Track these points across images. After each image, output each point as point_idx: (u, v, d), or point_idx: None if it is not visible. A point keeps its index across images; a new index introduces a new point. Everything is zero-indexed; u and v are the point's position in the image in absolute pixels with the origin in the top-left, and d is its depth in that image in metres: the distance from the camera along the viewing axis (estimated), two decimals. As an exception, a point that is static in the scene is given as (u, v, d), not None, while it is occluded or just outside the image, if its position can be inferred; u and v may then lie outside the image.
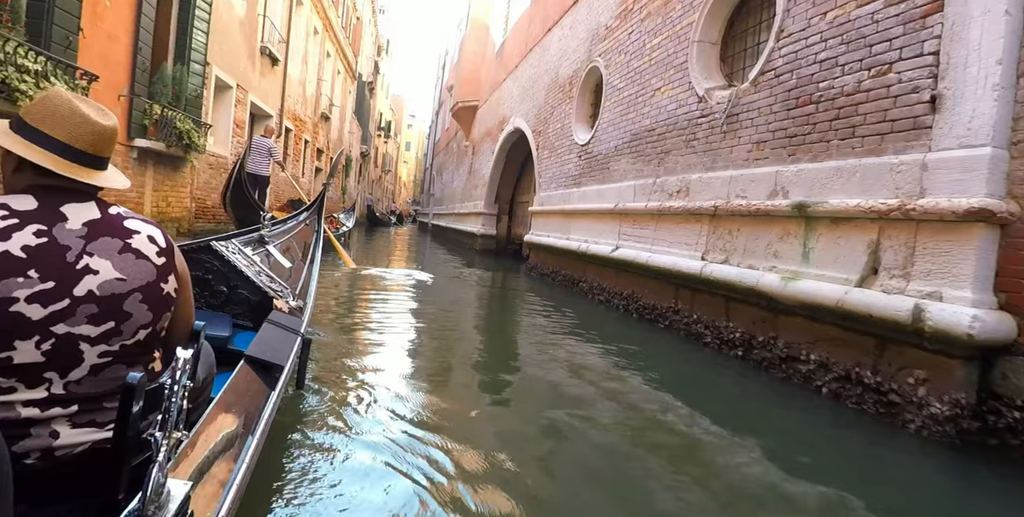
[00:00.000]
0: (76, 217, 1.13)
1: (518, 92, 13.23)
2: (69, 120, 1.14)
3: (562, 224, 8.86)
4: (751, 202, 4.45)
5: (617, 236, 6.80)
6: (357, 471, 2.13)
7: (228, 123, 10.26)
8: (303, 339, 2.42)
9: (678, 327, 5.24)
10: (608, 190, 7.21)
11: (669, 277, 5.44)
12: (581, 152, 8.44)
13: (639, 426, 3.06)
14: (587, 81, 8.75)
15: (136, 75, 6.90)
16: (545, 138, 10.51)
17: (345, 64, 22.81)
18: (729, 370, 4.26)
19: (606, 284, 6.91)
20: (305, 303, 2.98)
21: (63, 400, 1.08)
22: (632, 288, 6.22)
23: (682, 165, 5.62)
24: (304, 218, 4.68)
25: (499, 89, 15.55)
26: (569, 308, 6.78)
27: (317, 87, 18.03)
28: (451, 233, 21.09)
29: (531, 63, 12.16)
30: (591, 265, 7.42)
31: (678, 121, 5.77)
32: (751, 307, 4.31)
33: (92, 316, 1.08)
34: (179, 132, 7.37)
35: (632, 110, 6.84)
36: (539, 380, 3.86)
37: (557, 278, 8.72)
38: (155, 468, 0.86)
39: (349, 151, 26.38)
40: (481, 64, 18.91)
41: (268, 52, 12.08)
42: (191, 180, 8.69)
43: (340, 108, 22.75)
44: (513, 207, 15.68)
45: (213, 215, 9.86)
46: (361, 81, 28.85)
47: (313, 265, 3.85)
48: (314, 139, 18.24)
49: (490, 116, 16.64)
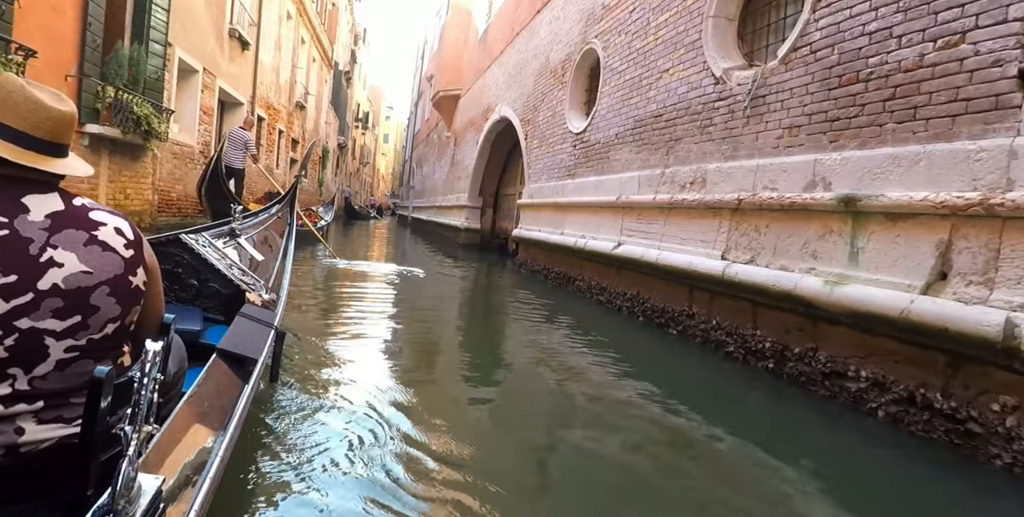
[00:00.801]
0: (38, 209, 1.08)
1: (504, 79, 12.63)
2: (23, 107, 1.09)
3: (555, 218, 8.32)
4: (783, 195, 3.95)
5: (619, 231, 6.28)
6: (331, 465, 2.10)
7: (194, 110, 9.50)
8: (277, 332, 2.39)
9: (693, 333, 4.74)
10: (608, 182, 6.68)
11: (682, 277, 4.93)
12: (576, 141, 7.89)
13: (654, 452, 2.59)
14: (582, 65, 8.19)
15: (86, 54, 6.18)
16: (535, 127, 9.94)
17: (321, 51, 21.95)
18: (758, 384, 3.77)
19: (607, 283, 6.39)
20: (278, 296, 2.94)
21: (28, 396, 1.05)
22: (637, 288, 5.71)
23: (696, 154, 5.10)
24: (276, 211, 4.56)
25: (483, 77, 14.92)
26: (565, 308, 6.28)
27: (292, 75, 17.22)
28: (432, 226, 20.46)
29: (518, 48, 11.57)
30: (589, 262, 6.90)
31: (691, 106, 5.24)
32: (784, 313, 3.82)
33: (57, 310, 1.05)
34: (137, 117, 6.67)
35: (635, 95, 6.31)
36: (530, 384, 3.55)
37: (550, 275, 8.20)
38: (125, 462, 0.83)
39: (326, 142, 25.53)
40: (463, 51, 18.24)
41: (238, 35, 11.31)
42: (153, 170, 7.98)
43: (316, 97, 21.90)
44: (498, 200, 15.11)
45: (179, 209, 9.15)
46: (338, 70, 27.94)
47: (286, 258, 3.77)
48: (289, 129, 17.44)
49: (473, 105, 16.01)
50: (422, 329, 5.02)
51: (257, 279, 2.88)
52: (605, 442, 2.64)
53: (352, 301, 6.04)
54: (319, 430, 2.39)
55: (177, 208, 9.06)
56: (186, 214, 9.35)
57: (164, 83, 7.94)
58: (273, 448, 2.19)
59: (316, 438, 2.31)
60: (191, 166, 9.44)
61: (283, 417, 2.50)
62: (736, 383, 3.83)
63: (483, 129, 14.05)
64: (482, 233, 14.96)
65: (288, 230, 4.43)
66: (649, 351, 4.67)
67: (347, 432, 2.40)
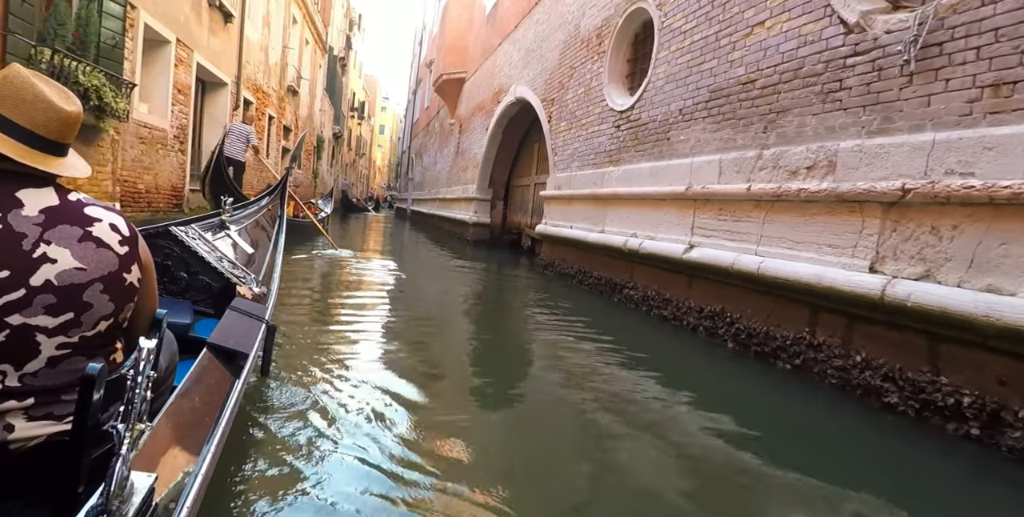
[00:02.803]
0: (33, 204, 1.06)
1: (519, 57, 11.30)
2: (33, 105, 1.08)
3: (592, 212, 7.05)
4: (989, 182, 2.68)
5: (689, 230, 5.01)
6: (323, 461, 2.06)
7: (167, 87, 8.15)
8: (268, 326, 2.37)
9: (821, 371, 3.49)
10: (671, 168, 5.41)
11: (798, 294, 3.68)
12: (620, 121, 6.60)
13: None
14: (624, 30, 6.89)
15: (12, 6, 4.87)
16: (561, 107, 8.64)
17: (314, 33, 20.53)
18: (955, 459, 2.54)
19: (672, 294, 5.13)
20: (269, 289, 2.93)
21: (19, 392, 1.03)
22: (722, 304, 4.46)
23: (815, 129, 3.83)
24: (266, 203, 4.41)
25: (493, 56, 13.58)
26: (609, 323, 5.10)
27: (283, 56, 15.84)
28: (435, 221, 19.15)
29: (537, 19, 10.24)
30: (644, 267, 5.64)
31: (803, 65, 3.97)
32: (997, 356, 2.58)
33: (50, 307, 1.03)
34: (84, 89, 5.36)
35: (710, 58, 5.02)
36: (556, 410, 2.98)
37: (586, 280, 6.93)
38: (118, 461, 0.83)
39: (320, 131, 24.14)
40: (468, 31, 16.87)
41: (219, 4, 9.95)
42: (112, 157, 6.65)
43: (310, 82, 20.51)
44: (509, 191, 13.82)
45: (148, 203, 7.83)
46: (332, 55, 26.49)
47: (277, 250, 3.75)
48: (280, 115, 16.07)
49: (481, 88, 14.67)
50: (425, 330, 4.68)
51: (248, 272, 2.83)
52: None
53: (349, 296, 5.80)
54: (310, 425, 2.35)
55: (147, 202, 7.74)
56: (157, 208, 8.05)
57: (125, 52, 6.61)
58: (264, 443, 2.16)
59: (307, 433, 2.27)
60: (163, 153, 8.11)
61: (274, 412, 2.46)
62: (919, 455, 2.59)
63: (494, 113, 12.73)
64: (492, 228, 13.68)
65: (279, 222, 4.39)
66: (755, 395, 3.42)
67: (338, 427, 2.36)
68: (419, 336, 4.38)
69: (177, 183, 8.71)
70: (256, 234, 3.72)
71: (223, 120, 10.91)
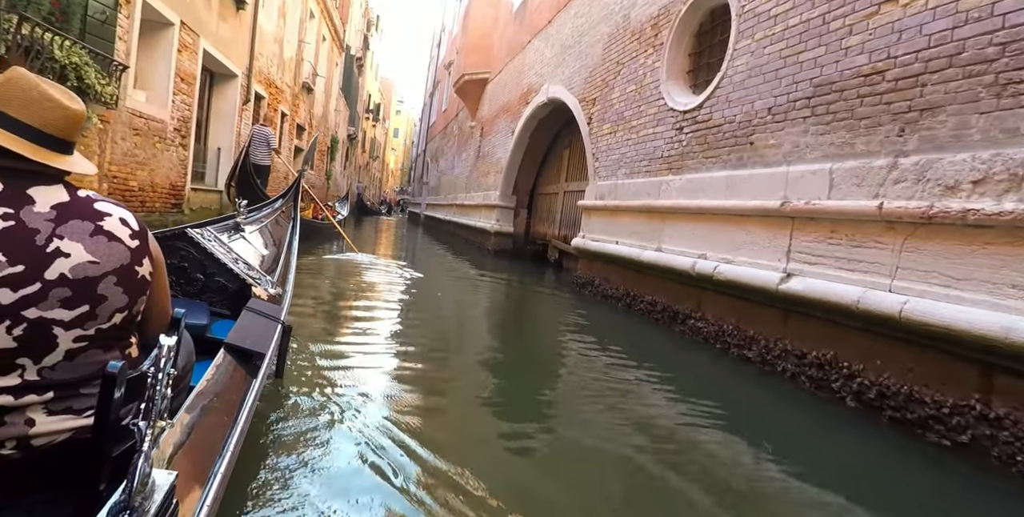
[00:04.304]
0: (44, 200, 1.06)
1: (553, 54, 10.44)
2: (40, 104, 1.08)
3: (644, 227, 6.15)
4: None
5: (784, 254, 4.11)
6: (340, 463, 2.07)
7: (168, 74, 7.32)
8: (283, 327, 2.38)
9: (1006, 456, 2.57)
10: (755, 178, 4.51)
11: (961, 347, 2.78)
12: (683, 122, 5.71)
13: None
14: (688, 19, 6.01)
15: (-25, -37, 4.06)
16: (605, 107, 7.76)
17: (332, 30, 19.79)
18: None
19: (759, 332, 4.23)
20: (284, 290, 2.94)
21: (38, 387, 1.02)
22: (834, 350, 3.55)
23: (986, 131, 2.92)
24: (280, 205, 4.48)
25: (521, 54, 12.73)
26: (674, 362, 4.29)
27: (298, 50, 15.06)
28: (451, 227, 18.28)
29: (575, 13, 9.38)
30: (716, 295, 4.73)
31: (963, 49, 3.06)
32: None
33: (65, 300, 1.02)
34: (60, 67, 4.53)
35: (814, 45, 4.13)
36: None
37: (635, 305, 6.03)
38: (141, 459, 0.81)
39: (335, 131, 23.39)
40: (493, 29, 16.05)
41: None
42: (99, 149, 5.81)
43: (326, 81, 19.76)
44: (533, 199, 12.94)
45: (142, 202, 6.98)
46: (349, 54, 25.78)
47: (291, 252, 3.76)
48: (293, 112, 15.28)
49: (507, 88, 13.83)
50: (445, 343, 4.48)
51: (263, 273, 2.84)
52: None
53: (366, 301, 5.71)
54: (326, 428, 2.34)
55: (140, 201, 6.89)
56: (153, 208, 7.20)
57: (117, 30, 5.79)
58: (280, 444, 2.16)
59: (323, 436, 2.26)
60: (162, 147, 7.27)
61: (289, 413, 2.45)
62: None
63: (521, 115, 11.86)
64: (515, 237, 12.79)
65: (293, 223, 4.41)
66: (901, 477, 2.51)
67: (354, 430, 2.35)
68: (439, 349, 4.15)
69: (177, 181, 7.86)
70: (271, 235, 3.74)
71: (232, 115, 10.11)
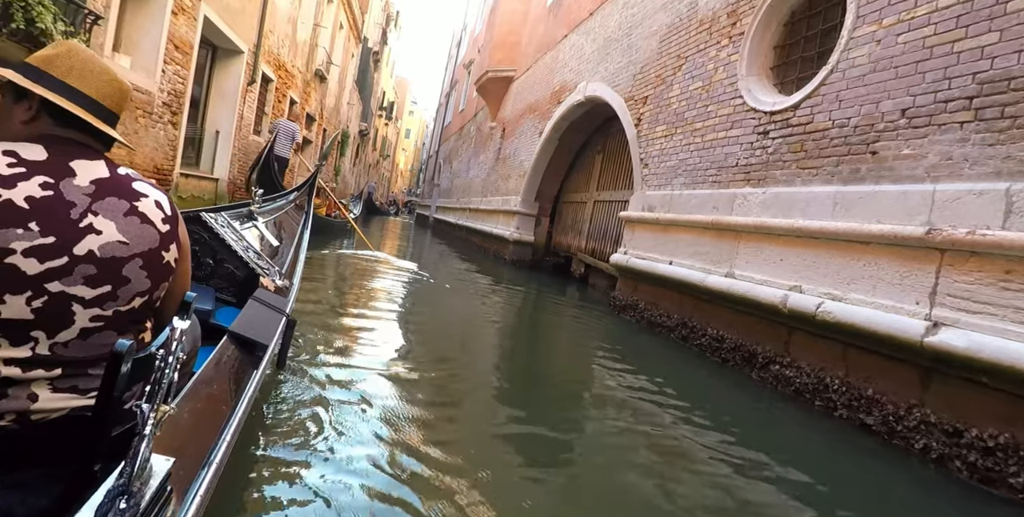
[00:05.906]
0: (85, 174, 1.06)
1: (593, 49, 9.52)
2: (99, 77, 1.11)
3: (709, 246, 5.19)
4: None
5: (927, 296, 3.15)
6: (335, 455, 2.09)
7: (158, 39, 6.33)
8: (288, 319, 2.38)
9: None
10: (881, 196, 3.56)
11: None
12: (769, 124, 4.77)
13: None
14: (778, 5, 5.08)
15: None
16: (659, 107, 6.81)
17: (350, 18, 18.91)
18: None
19: (881, 393, 3.26)
20: (291, 283, 2.92)
21: (47, 362, 1.00)
22: (1010, 431, 2.58)
23: None
24: (294, 197, 4.46)
25: (554, 50, 11.82)
26: (750, 420, 3.26)
27: (313, 34, 14.15)
28: (462, 232, 17.33)
29: (624, 3, 8.45)
30: (814, 337, 3.77)
31: None
32: None
33: (89, 277, 1.01)
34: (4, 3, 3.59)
35: (977, 31, 3.18)
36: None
37: (694, 338, 5.06)
38: (143, 443, 0.79)
39: (347, 126, 22.49)
40: (522, 25, 15.15)
41: (245, -45, 8.25)
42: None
43: (340, 70, 18.86)
44: (557, 207, 11.99)
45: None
46: (366, 47, 24.93)
47: (301, 245, 3.74)
48: (304, 100, 14.35)
49: (535, 87, 12.91)
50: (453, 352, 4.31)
51: (272, 264, 2.82)
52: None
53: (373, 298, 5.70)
54: (323, 422, 2.34)
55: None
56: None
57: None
58: (277, 434, 2.17)
59: (320, 427, 2.28)
60: (146, 122, 6.30)
61: (288, 404, 2.46)
62: None
63: (552, 115, 10.93)
64: (535, 247, 11.83)
65: (305, 218, 4.46)
66: None
67: (352, 424, 2.37)
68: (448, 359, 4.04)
69: (163, 163, 6.87)
70: (282, 228, 3.69)
71: (234, 95, 9.16)
